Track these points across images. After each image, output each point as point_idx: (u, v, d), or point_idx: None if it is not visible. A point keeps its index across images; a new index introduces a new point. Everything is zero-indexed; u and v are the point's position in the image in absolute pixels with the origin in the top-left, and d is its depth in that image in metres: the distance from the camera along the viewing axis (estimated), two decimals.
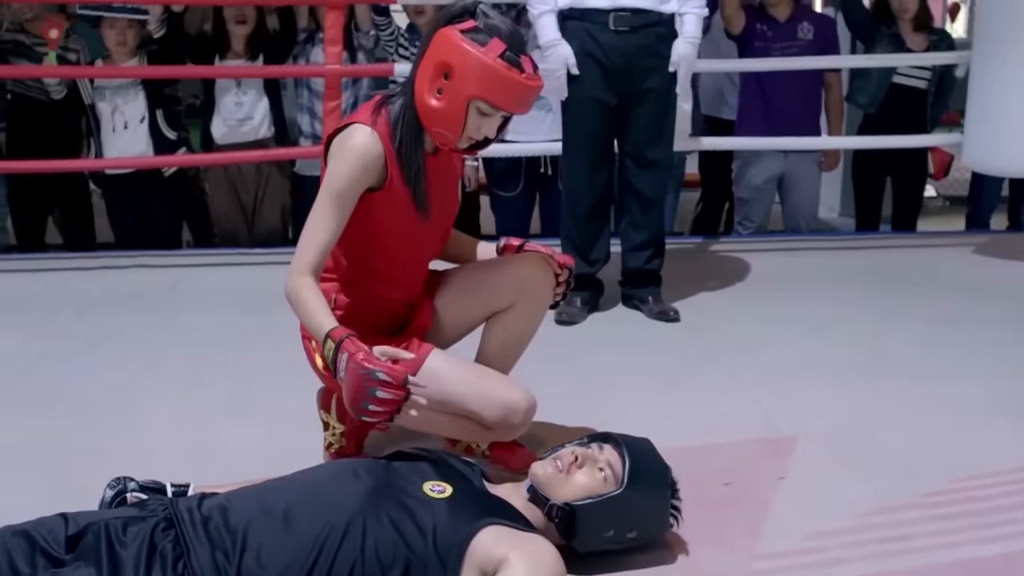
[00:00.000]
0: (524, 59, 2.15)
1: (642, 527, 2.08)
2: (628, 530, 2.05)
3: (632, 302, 3.79)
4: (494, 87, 2.13)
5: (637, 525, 2.06)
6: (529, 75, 2.16)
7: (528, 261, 2.42)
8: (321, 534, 1.84)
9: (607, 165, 3.66)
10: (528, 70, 2.16)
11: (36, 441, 2.71)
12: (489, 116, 2.19)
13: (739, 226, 5.00)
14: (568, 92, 3.55)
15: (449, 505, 1.92)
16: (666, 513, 2.10)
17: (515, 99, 2.17)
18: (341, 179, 2.19)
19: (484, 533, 1.87)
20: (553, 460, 2.06)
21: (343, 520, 1.86)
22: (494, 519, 1.91)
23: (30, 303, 3.96)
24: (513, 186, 4.77)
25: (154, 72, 4.56)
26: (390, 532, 1.86)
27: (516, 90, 2.15)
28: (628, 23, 3.46)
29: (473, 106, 2.16)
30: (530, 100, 2.21)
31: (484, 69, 2.11)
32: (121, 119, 4.64)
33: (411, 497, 1.93)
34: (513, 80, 2.13)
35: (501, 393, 2.32)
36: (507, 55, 2.12)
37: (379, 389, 1.98)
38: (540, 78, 2.20)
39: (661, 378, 3.13)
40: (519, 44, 2.16)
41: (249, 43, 4.64)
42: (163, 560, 1.79)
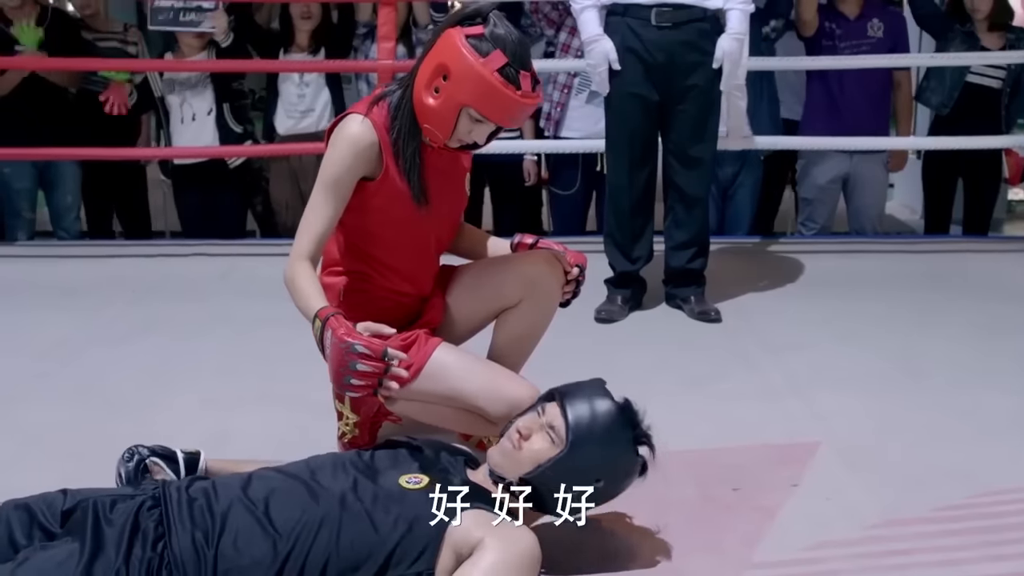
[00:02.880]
0: (524, 75, 2.13)
1: (608, 473, 1.99)
2: (595, 480, 1.97)
3: (674, 301, 3.74)
4: (487, 99, 2.12)
5: (602, 474, 1.98)
6: (525, 92, 2.14)
7: (537, 258, 2.40)
8: (296, 526, 1.85)
9: (650, 162, 3.62)
10: (526, 87, 2.14)
11: (65, 425, 2.79)
12: (481, 123, 2.19)
13: (802, 227, 4.90)
14: (610, 88, 3.52)
15: (424, 496, 1.91)
16: (629, 451, 2.00)
17: (507, 114, 2.16)
18: (334, 167, 2.22)
19: (462, 517, 1.87)
20: (505, 440, 2.03)
21: (319, 514, 1.87)
22: (471, 504, 1.90)
23: (89, 289, 4.08)
24: (570, 183, 4.76)
25: (218, 66, 4.66)
26: (365, 526, 1.87)
27: (509, 106, 2.14)
28: (670, 18, 3.41)
29: (465, 112, 2.16)
30: (523, 116, 2.23)
31: (479, 80, 2.10)
32: (189, 111, 4.75)
33: (386, 490, 1.93)
34: (507, 96, 2.12)
35: (507, 389, 2.30)
36: (506, 70, 2.11)
37: (359, 362, 2.00)
38: (538, 96, 2.18)
39: (689, 379, 3.08)
40: (522, 59, 2.13)
41: (313, 37, 4.71)
42: (144, 538, 1.82)
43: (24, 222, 4.95)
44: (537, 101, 2.19)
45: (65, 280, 4.25)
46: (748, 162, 4.69)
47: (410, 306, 2.43)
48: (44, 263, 4.57)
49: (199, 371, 3.17)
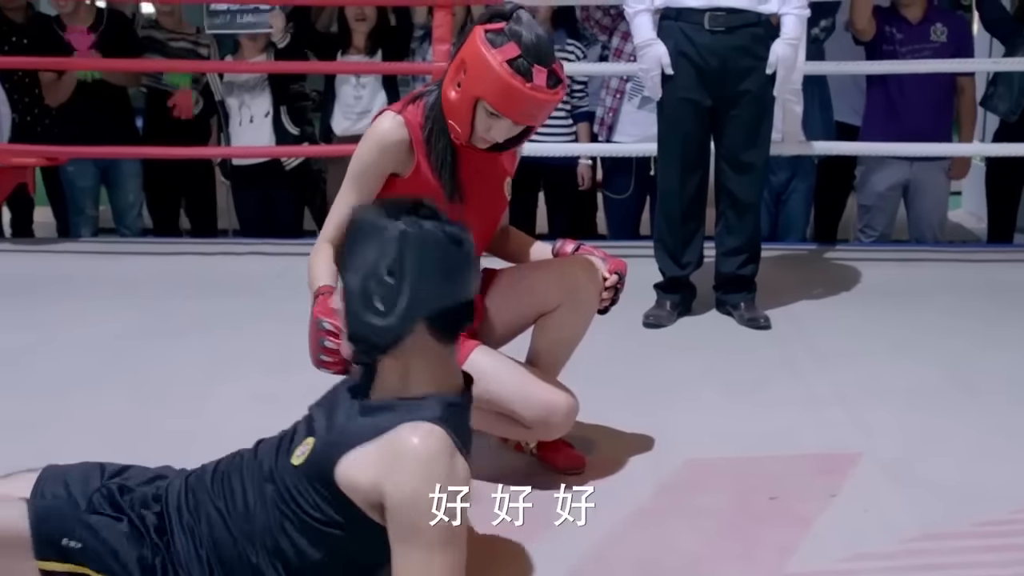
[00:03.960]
0: (538, 70, 2.12)
1: (386, 261, 1.75)
2: (385, 275, 1.74)
3: (725, 308, 3.71)
4: (496, 91, 2.13)
5: (379, 267, 1.75)
6: (536, 86, 2.12)
7: (576, 264, 2.40)
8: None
9: (701, 167, 3.60)
10: (538, 81, 2.12)
11: (117, 415, 2.85)
12: (497, 119, 2.19)
13: (861, 234, 4.83)
14: (662, 92, 3.51)
15: (308, 466, 1.78)
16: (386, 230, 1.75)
17: (516, 107, 2.15)
18: (359, 161, 2.28)
19: (337, 474, 1.74)
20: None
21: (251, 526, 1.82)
22: (344, 451, 1.74)
23: (148, 285, 4.17)
24: (623, 188, 4.75)
25: (275, 67, 4.72)
26: (275, 519, 1.80)
27: (517, 97, 2.13)
28: (724, 23, 3.38)
29: (481, 106, 2.17)
30: (536, 111, 2.18)
31: (488, 71, 2.12)
32: (247, 113, 4.82)
33: (285, 473, 1.81)
34: (514, 87, 2.12)
35: (542, 393, 2.32)
36: (517, 62, 2.11)
37: (326, 339, 2.01)
38: (555, 94, 2.16)
39: (734, 386, 3.05)
40: (537, 53, 2.13)
41: (369, 39, 4.75)
42: (146, 528, 1.83)
43: (87, 219, 5.08)
44: (552, 98, 2.16)
45: (125, 276, 4.35)
46: (801, 167, 4.64)
47: None
48: (105, 259, 4.67)
49: (250, 366, 3.22)
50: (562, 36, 4.72)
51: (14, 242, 5.09)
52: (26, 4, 5.12)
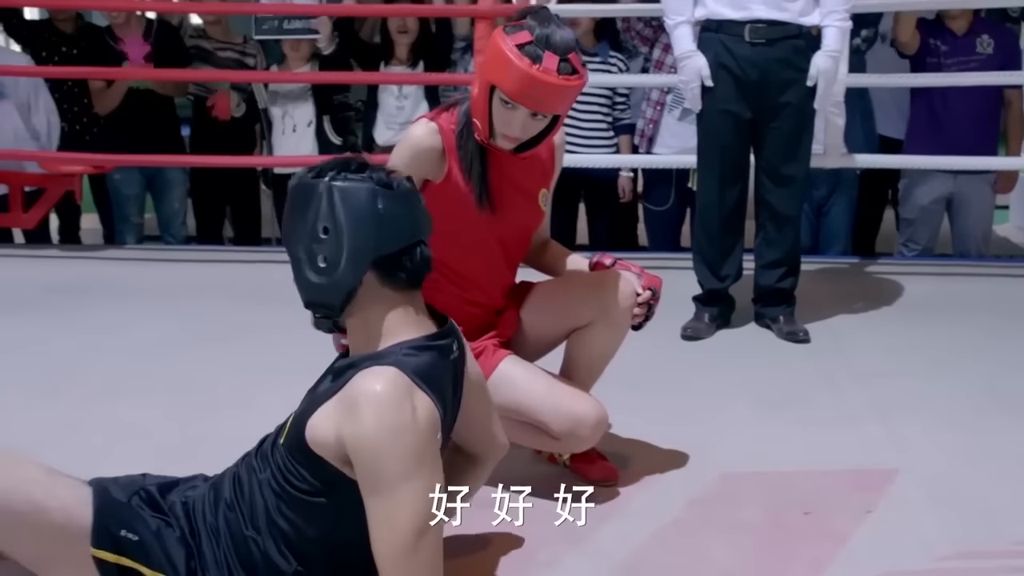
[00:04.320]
0: (549, 55, 2.13)
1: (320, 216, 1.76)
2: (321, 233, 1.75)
3: (763, 321, 3.69)
4: (503, 73, 2.15)
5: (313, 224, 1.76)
6: (545, 69, 2.12)
7: (609, 279, 2.39)
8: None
9: (741, 179, 3.59)
10: (548, 65, 2.12)
11: (158, 421, 2.89)
12: (511, 109, 2.19)
13: (903, 248, 4.78)
14: (702, 104, 3.50)
15: (288, 440, 1.81)
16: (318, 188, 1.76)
17: (522, 89, 2.15)
18: (392, 164, 2.27)
19: (308, 437, 1.76)
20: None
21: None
22: (311, 414, 1.77)
23: (193, 292, 4.22)
24: (664, 199, 4.74)
25: (318, 77, 4.77)
26: (272, 501, 1.82)
27: (524, 80, 2.13)
28: (764, 35, 3.37)
29: (496, 97, 2.19)
30: (545, 96, 2.16)
31: (499, 56, 2.15)
32: (290, 123, 4.88)
33: (276, 455, 1.85)
34: (521, 69, 2.12)
35: (570, 405, 2.32)
36: (527, 47, 2.13)
37: None
38: (565, 79, 2.14)
39: (771, 400, 3.04)
40: (549, 40, 2.13)
41: (412, 51, 4.79)
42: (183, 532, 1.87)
43: (132, 226, 5.15)
44: (563, 84, 2.14)
45: (169, 283, 4.40)
46: (842, 180, 4.61)
47: (483, 318, 2.45)
48: (150, 266, 4.74)
49: (292, 373, 3.23)
50: (605, 48, 4.73)
51: (61, 248, 5.18)
52: (76, 15, 5.21)
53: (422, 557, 1.68)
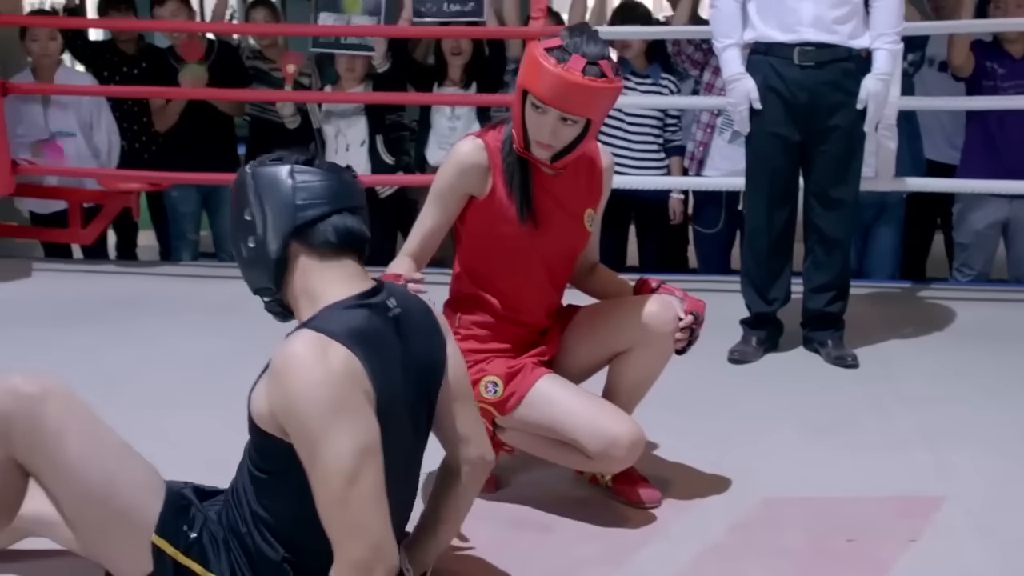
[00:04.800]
0: (576, 58, 2.16)
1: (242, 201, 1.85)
2: (248, 218, 1.84)
3: (812, 345, 3.67)
4: (531, 74, 2.21)
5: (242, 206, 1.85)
6: (568, 69, 2.15)
7: (651, 304, 2.39)
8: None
9: (789, 202, 3.57)
10: (572, 66, 2.15)
11: (207, 432, 2.92)
12: (542, 113, 2.22)
13: (957, 272, 4.72)
14: (751, 127, 3.50)
15: (249, 432, 1.85)
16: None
17: (547, 88, 2.18)
18: (438, 181, 2.36)
19: (252, 415, 1.80)
20: None
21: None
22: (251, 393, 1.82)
23: (246, 308, 4.23)
24: (713, 222, 4.73)
25: (371, 97, 4.82)
26: (249, 489, 1.87)
27: (547, 77, 2.17)
28: (813, 58, 3.36)
29: (528, 102, 2.23)
30: (569, 95, 2.17)
31: (529, 60, 2.21)
32: (344, 142, 4.93)
33: (246, 454, 1.90)
34: (544, 68, 2.17)
35: (606, 424, 2.32)
36: (555, 50, 2.18)
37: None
38: (590, 79, 2.16)
39: (816, 425, 3.02)
40: (578, 45, 2.17)
41: (465, 72, 4.83)
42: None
43: (188, 243, 5.24)
44: (586, 84, 2.16)
45: (222, 299, 4.45)
46: (888, 204, 4.57)
47: (527, 337, 2.47)
48: (205, 283, 4.81)
49: None
50: (656, 70, 4.74)
51: (118, 264, 5.27)
52: (137, 36, 5.33)
53: (354, 507, 1.66)
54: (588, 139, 2.29)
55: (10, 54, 5.18)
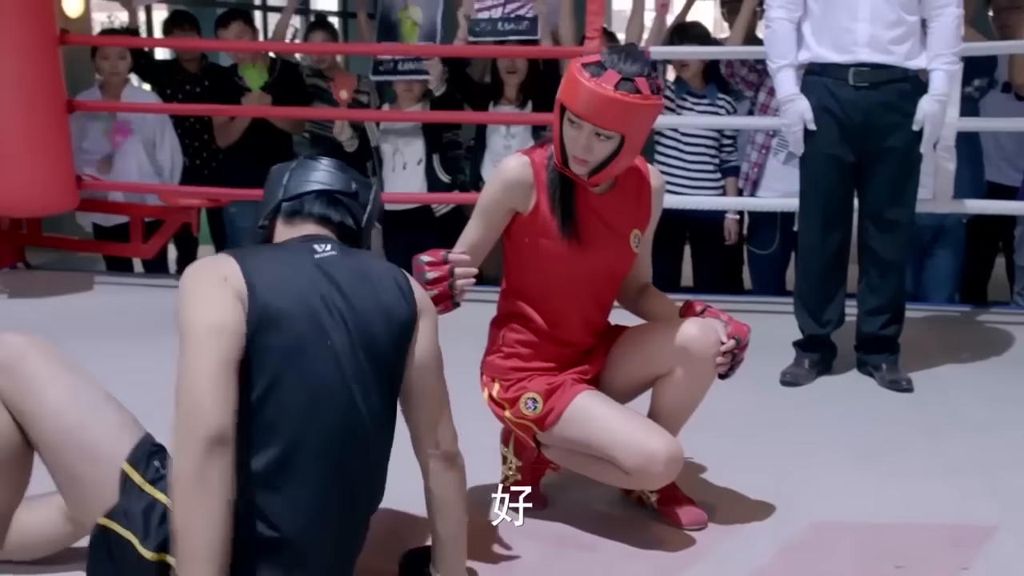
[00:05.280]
0: (611, 73, 2.18)
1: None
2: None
3: (866, 368, 3.63)
4: (567, 88, 2.24)
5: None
6: (599, 82, 2.18)
7: (694, 327, 2.37)
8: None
9: (843, 224, 3.54)
10: (605, 80, 2.17)
11: None
12: (577, 127, 2.24)
13: (1019, 296, 4.64)
14: (805, 148, 3.48)
15: None
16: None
17: (580, 102, 2.20)
18: (484, 196, 2.40)
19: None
20: None
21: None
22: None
23: None
24: (768, 243, 4.70)
25: (429, 116, 4.87)
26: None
27: (581, 91, 2.20)
28: (869, 78, 3.34)
29: (565, 116, 2.25)
30: (602, 109, 2.19)
31: (568, 73, 2.24)
32: (401, 160, 4.98)
33: None
34: (578, 81, 2.20)
35: (643, 439, 2.31)
36: (591, 65, 2.20)
37: (427, 272, 2.20)
38: (622, 94, 2.17)
39: (868, 449, 2.98)
40: (615, 62, 2.19)
41: (520, 91, 4.86)
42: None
43: None
44: (617, 98, 2.17)
45: None
46: (947, 226, 4.51)
47: (571, 358, 2.47)
48: None
49: None
50: (713, 91, 4.73)
51: (177, 278, 5.32)
52: (201, 55, 5.43)
53: (186, 370, 1.75)
54: (624, 155, 2.29)
55: (80, 72, 5.31)
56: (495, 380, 2.47)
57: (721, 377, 2.41)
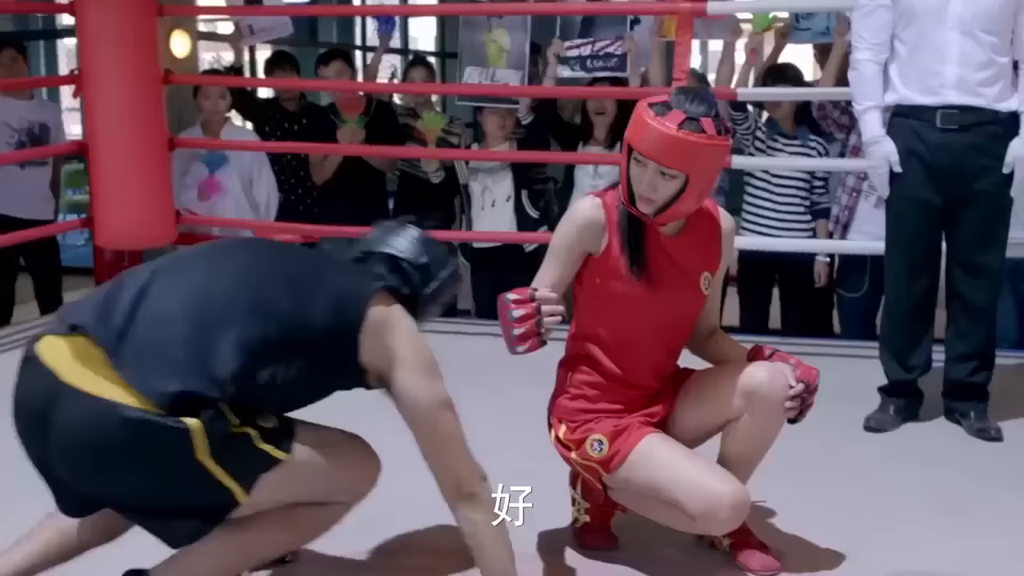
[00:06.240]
0: (676, 112, 2.21)
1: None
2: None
3: (953, 416, 3.53)
4: (634, 127, 2.28)
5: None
6: (662, 121, 2.21)
7: (761, 371, 2.35)
8: None
9: (930, 268, 3.47)
10: (670, 118, 2.21)
11: None
12: (642, 166, 2.27)
13: None
14: (891, 190, 3.43)
15: None
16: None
17: (644, 140, 2.25)
18: (556, 237, 2.41)
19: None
20: None
21: None
22: None
23: None
24: (858, 286, 4.62)
25: (518, 156, 4.93)
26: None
27: (645, 131, 2.24)
28: (957, 121, 3.28)
29: (633, 154, 2.28)
30: (665, 147, 2.22)
31: (635, 112, 2.28)
32: (490, 198, 5.04)
33: None
34: (644, 120, 2.24)
35: (708, 484, 2.29)
36: (657, 105, 2.24)
37: (513, 309, 2.18)
38: (685, 133, 2.21)
39: (951, 499, 2.91)
40: (681, 103, 2.24)
41: (609, 132, 4.88)
42: None
43: None
44: (679, 136, 2.20)
45: None
46: None
47: (638, 401, 2.46)
48: None
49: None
50: (805, 132, 4.69)
51: None
52: (300, 94, 5.59)
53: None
54: (688, 195, 2.29)
55: (184, 110, 5.51)
56: (562, 421, 2.48)
57: (790, 422, 2.38)
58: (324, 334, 2.07)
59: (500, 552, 2.14)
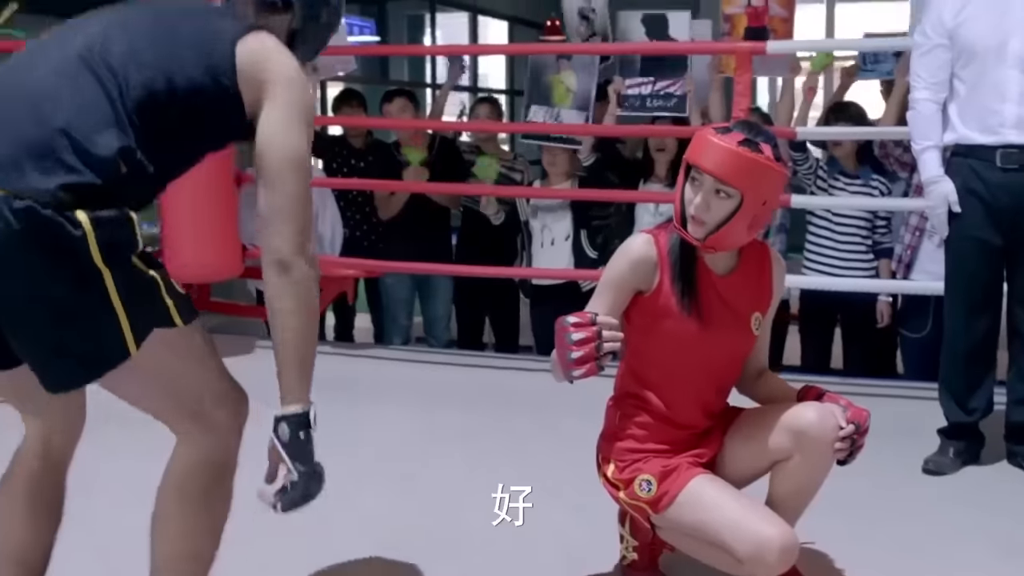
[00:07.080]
0: (737, 132, 2.25)
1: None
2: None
3: (1016, 460, 3.46)
4: (693, 147, 2.31)
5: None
6: (723, 138, 2.24)
7: (810, 412, 2.34)
8: None
9: (990, 309, 3.42)
10: (730, 136, 2.24)
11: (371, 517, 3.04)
12: (698, 184, 2.28)
13: None
14: (950, 230, 3.39)
15: None
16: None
17: (703, 155, 2.27)
18: (608, 273, 2.41)
19: None
20: None
21: None
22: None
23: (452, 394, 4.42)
24: (920, 327, 4.57)
25: (578, 194, 4.97)
26: None
27: (705, 147, 2.27)
28: (1017, 160, 3.24)
29: (689, 175, 2.31)
30: (723, 161, 2.23)
31: (694, 137, 2.31)
32: (549, 236, 5.08)
33: None
34: (705, 139, 2.26)
35: (756, 526, 2.27)
36: (718, 128, 2.28)
37: (572, 332, 2.17)
38: (743, 149, 2.22)
39: (1011, 544, 2.86)
40: (743, 126, 2.28)
41: (670, 169, 4.90)
42: None
43: (400, 328, 5.48)
44: (739, 151, 2.22)
45: (428, 384, 4.64)
46: None
47: (687, 440, 2.46)
48: (413, 367, 5.00)
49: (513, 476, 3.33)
50: (867, 172, 4.67)
51: (334, 345, 5.55)
52: (366, 132, 5.69)
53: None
54: (740, 218, 2.27)
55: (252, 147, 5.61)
56: (610, 461, 2.49)
57: (840, 463, 2.36)
58: (198, 90, 1.93)
59: (287, 323, 1.96)
